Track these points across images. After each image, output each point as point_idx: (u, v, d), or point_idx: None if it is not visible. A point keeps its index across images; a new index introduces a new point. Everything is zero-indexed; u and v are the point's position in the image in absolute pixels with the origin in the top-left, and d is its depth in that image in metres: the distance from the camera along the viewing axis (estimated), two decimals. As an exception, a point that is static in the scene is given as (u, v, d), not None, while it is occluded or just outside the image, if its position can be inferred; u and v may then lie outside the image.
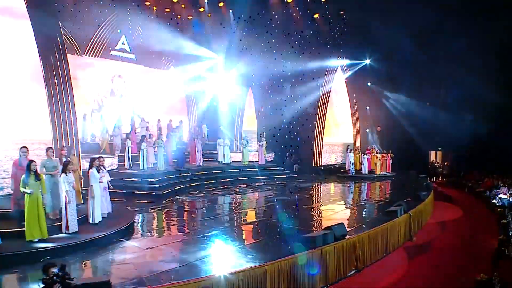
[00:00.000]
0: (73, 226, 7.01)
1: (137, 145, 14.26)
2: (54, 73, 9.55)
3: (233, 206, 12.02)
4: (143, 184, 12.53)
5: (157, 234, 8.37)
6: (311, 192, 15.41)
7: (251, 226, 9.57)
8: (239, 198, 13.19)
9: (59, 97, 9.64)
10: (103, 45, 18.88)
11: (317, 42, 22.02)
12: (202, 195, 13.05)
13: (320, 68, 21.85)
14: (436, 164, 24.46)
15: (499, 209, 12.11)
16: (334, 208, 11.72)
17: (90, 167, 7.77)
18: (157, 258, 6.63)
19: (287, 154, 22.68)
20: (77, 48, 17.66)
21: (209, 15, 22.36)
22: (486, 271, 7.31)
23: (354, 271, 7.60)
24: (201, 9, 22.18)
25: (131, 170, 13.63)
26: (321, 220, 10.14)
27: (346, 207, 12.33)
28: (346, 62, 23.14)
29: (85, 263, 6.20)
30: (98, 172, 7.91)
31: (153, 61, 21.57)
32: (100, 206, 7.77)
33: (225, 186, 14.92)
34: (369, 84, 24.10)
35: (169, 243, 7.56)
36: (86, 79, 18.07)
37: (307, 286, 6.47)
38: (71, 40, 17.30)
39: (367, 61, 23.67)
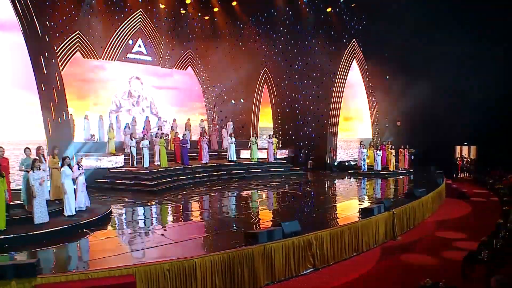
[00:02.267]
0: (40, 218, 7.63)
1: (139, 144, 14.87)
2: (45, 79, 10.36)
3: (215, 203, 12.17)
4: (139, 181, 13.17)
5: (125, 227, 8.84)
6: (307, 188, 15.09)
7: (217, 221, 9.67)
8: (229, 195, 13.36)
9: (51, 101, 10.44)
10: (120, 49, 19.93)
11: (332, 36, 21.56)
12: (197, 192, 13.39)
13: (335, 63, 21.39)
14: (464, 160, 22.98)
15: (504, 208, 11.21)
16: (318, 206, 11.50)
17: (62, 165, 8.40)
18: (103, 247, 7.06)
19: (302, 150, 22.52)
20: (94, 53, 18.80)
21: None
22: (455, 276, 6.92)
23: (311, 269, 7.53)
24: (215, 9, 22.62)
25: (134, 168, 14.35)
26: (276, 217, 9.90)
27: (327, 205, 11.90)
28: (362, 55, 22.38)
29: (34, 250, 6.73)
30: (72, 169, 8.52)
31: (171, 62, 22.41)
32: (73, 201, 8.39)
33: (223, 184, 15.13)
34: (387, 77, 23.15)
35: (126, 235, 8.08)
36: (104, 82, 19.22)
37: (248, 281, 6.55)
38: (88, 45, 18.45)
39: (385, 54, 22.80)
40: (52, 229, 7.46)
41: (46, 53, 10.64)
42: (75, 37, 17.86)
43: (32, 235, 7.13)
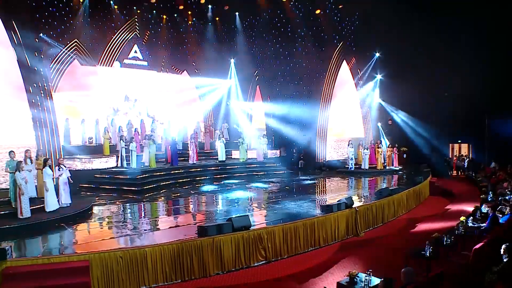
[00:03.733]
0: (26, 212, 8.54)
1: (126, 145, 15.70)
2: (34, 85, 11.29)
3: (191, 201, 12.88)
4: (126, 181, 14.03)
5: (99, 220, 9.68)
6: (286, 186, 15.71)
7: (185, 217, 10.40)
8: (210, 193, 14.06)
9: (40, 106, 11.36)
10: (116, 55, 20.90)
11: (321, 37, 22.07)
12: (179, 191, 14.14)
13: (325, 63, 21.90)
14: (460, 158, 23.13)
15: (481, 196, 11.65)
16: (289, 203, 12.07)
17: (44, 166, 9.29)
18: (74, 238, 8.01)
19: (294, 150, 23.09)
20: (91, 60, 19.79)
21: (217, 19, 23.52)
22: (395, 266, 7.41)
23: (263, 261, 8.16)
24: (209, 14, 23.39)
25: (123, 168, 15.21)
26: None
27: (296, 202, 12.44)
28: (352, 56, 22.79)
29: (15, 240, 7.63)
30: (54, 170, 9.40)
31: (166, 67, 23.29)
32: (54, 197, 9.27)
33: (207, 183, 15.81)
34: (379, 76, 23.52)
35: (96, 228, 8.96)
36: (100, 87, 20.20)
37: (198, 270, 7.24)
38: (85, 53, 19.45)
39: (377, 54, 23.22)
40: (32, 222, 8.36)
41: (37, 62, 11.59)
42: (73, 45, 18.85)
43: (14, 227, 8.05)
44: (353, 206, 10.47)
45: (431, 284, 5.35)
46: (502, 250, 5.61)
